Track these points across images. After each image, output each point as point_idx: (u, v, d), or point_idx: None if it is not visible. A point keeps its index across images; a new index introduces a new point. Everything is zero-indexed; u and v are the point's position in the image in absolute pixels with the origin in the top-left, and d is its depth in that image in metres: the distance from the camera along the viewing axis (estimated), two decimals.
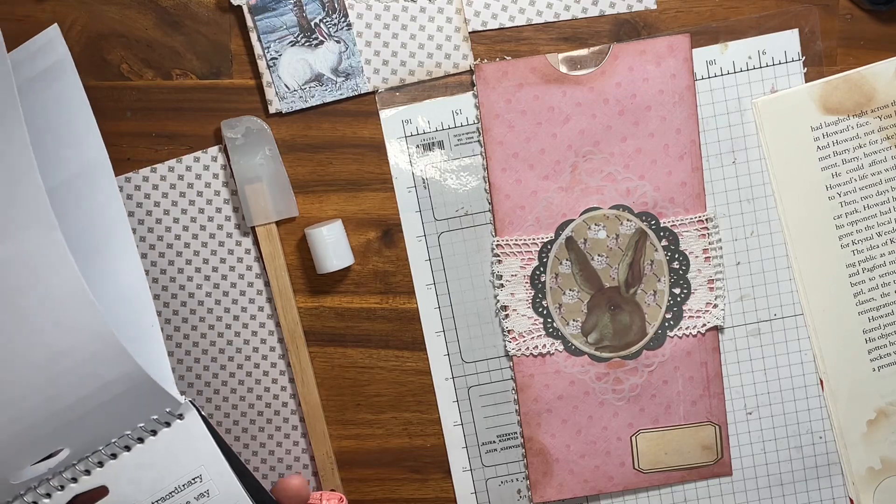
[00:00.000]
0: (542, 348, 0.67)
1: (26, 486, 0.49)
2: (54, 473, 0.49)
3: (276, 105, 0.66)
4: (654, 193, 0.66)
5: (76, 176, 0.55)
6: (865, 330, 0.68)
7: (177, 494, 0.50)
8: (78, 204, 0.54)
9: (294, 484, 0.54)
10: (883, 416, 0.68)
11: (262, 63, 0.65)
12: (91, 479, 0.49)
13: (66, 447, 0.48)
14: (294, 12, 0.65)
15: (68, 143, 0.55)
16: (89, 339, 0.46)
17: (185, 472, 0.50)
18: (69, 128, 0.55)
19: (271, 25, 0.65)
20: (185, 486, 0.50)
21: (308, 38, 0.65)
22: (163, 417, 0.50)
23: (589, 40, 0.66)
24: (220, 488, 0.50)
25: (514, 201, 0.66)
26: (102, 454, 0.49)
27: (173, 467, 0.50)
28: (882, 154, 0.66)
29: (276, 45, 0.65)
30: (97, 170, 0.55)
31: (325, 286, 0.68)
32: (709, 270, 0.67)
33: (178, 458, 0.50)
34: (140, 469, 0.49)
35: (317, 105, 0.66)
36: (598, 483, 0.69)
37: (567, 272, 0.67)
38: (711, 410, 0.68)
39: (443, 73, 0.66)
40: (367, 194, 0.67)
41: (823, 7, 0.66)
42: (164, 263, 0.67)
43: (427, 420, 0.69)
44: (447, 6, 0.65)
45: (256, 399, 0.68)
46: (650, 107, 0.66)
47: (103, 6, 0.66)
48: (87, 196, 0.55)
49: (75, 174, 0.55)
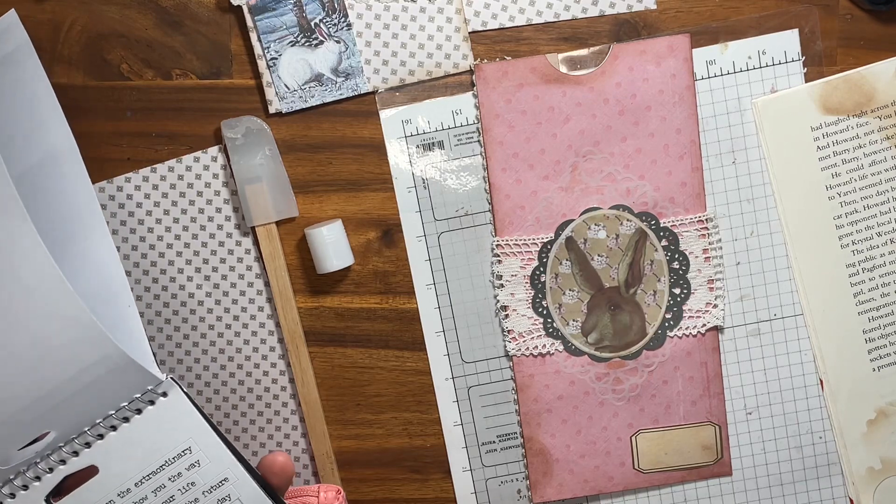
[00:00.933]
0: (542, 348, 0.67)
1: (15, 470, 0.49)
2: (42, 457, 0.49)
3: (276, 105, 0.66)
4: (654, 193, 0.66)
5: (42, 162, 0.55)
6: (865, 330, 0.68)
7: (167, 467, 0.50)
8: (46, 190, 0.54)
9: (279, 460, 0.54)
10: (883, 416, 0.68)
11: (261, 63, 0.65)
12: (79, 460, 0.50)
13: (51, 430, 0.49)
14: (294, 12, 0.65)
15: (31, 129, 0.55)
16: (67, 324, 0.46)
17: (174, 446, 0.50)
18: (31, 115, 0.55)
19: (271, 25, 0.65)
20: (176, 459, 0.50)
21: (308, 38, 0.65)
22: (146, 396, 0.50)
23: (589, 40, 0.66)
24: (211, 458, 0.51)
25: (514, 201, 0.66)
26: (88, 435, 0.50)
27: (162, 442, 0.50)
28: (882, 154, 0.66)
29: (276, 45, 0.65)
30: (63, 155, 0.55)
31: (325, 286, 0.68)
32: (709, 270, 0.67)
33: (165, 434, 0.50)
34: (128, 447, 0.50)
35: (317, 105, 0.66)
36: (598, 483, 0.69)
37: (567, 272, 0.67)
38: (711, 410, 0.68)
39: (443, 73, 0.66)
40: (367, 194, 0.67)
41: (823, 7, 0.66)
42: (164, 263, 0.67)
43: (427, 420, 0.69)
44: (447, 6, 0.65)
45: (256, 399, 0.68)
46: (650, 107, 0.66)
47: (103, 6, 0.66)
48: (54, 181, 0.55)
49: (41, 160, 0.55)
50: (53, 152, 0.55)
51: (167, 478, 0.51)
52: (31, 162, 0.55)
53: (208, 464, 0.51)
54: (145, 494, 0.51)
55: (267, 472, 0.54)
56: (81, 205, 0.55)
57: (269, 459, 0.54)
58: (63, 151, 0.55)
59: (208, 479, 0.51)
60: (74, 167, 0.55)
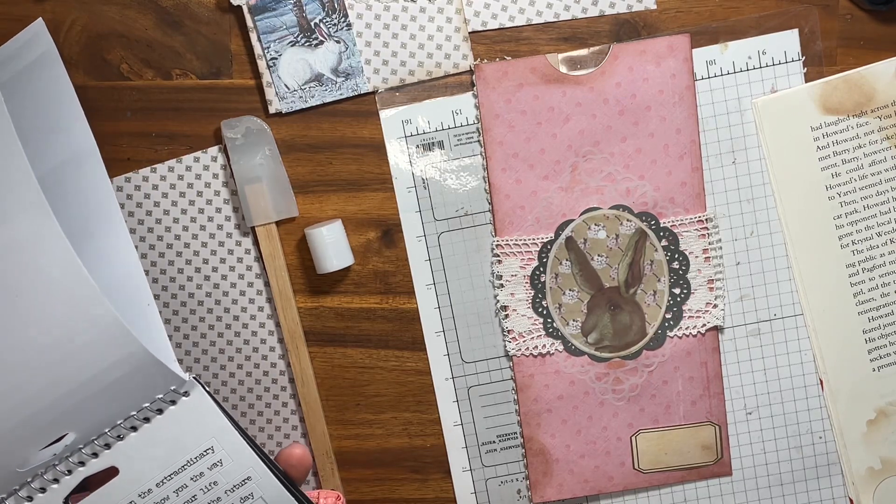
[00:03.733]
0: (542, 348, 0.67)
1: (33, 472, 0.49)
2: (61, 459, 0.49)
3: (276, 105, 0.66)
4: (653, 193, 0.66)
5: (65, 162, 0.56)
6: (865, 330, 0.68)
7: (189, 467, 0.50)
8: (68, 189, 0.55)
9: (296, 453, 0.54)
10: (883, 416, 0.68)
11: (261, 63, 0.65)
12: (99, 462, 0.49)
13: (71, 431, 0.49)
14: (294, 12, 0.65)
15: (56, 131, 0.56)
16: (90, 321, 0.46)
17: (197, 446, 0.50)
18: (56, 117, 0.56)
19: (271, 25, 0.65)
20: (198, 459, 0.50)
21: (308, 38, 0.65)
22: (168, 396, 0.50)
23: (589, 40, 0.66)
24: (233, 457, 0.50)
25: (514, 201, 0.66)
26: (109, 436, 0.49)
27: (183, 442, 0.50)
28: (882, 154, 0.66)
29: (276, 45, 0.65)
30: (85, 156, 0.56)
31: (325, 286, 0.68)
32: (709, 270, 0.67)
33: (187, 434, 0.50)
34: (149, 447, 0.50)
35: (316, 105, 0.66)
36: (598, 483, 0.69)
37: (567, 272, 0.67)
38: (711, 410, 0.68)
39: (443, 73, 0.66)
40: (367, 194, 0.67)
41: (823, 7, 0.66)
42: (164, 263, 0.67)
43: (427, 420, 0.69)
44: (447, 6, 0.65)
45: (256, 399, 0.68)
46: (650, 107, 0.66)
47: (103, 6, 0.66)
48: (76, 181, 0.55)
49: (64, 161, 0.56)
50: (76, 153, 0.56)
51: (189, 477, 0.50)
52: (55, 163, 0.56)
53: (231, 463, 0.51)
54: (167, 494, 0.50)
55: (285, 465, 0.54)
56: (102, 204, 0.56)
57: (287, 452, 0.54)
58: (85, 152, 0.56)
59: (231, 478, 0.51)
60: (95, 168, 0.56)
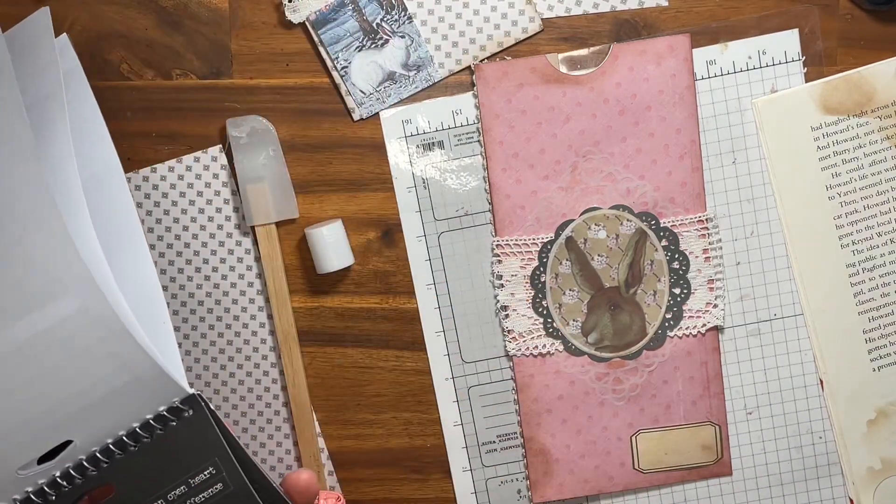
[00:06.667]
0: (542, 348, 0.67)
1: (33, 482, 0.49)
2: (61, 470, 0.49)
3: (358, 113, 0.66)
4: (654, 193, 0.66)
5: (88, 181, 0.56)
6: (865, 330, 0.68)
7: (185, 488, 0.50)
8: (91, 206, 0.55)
9: (303, 478, 0.53)
10: (883, 416, 0.68)
11: (336, 75, 0.65)
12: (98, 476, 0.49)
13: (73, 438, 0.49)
14: (354, 17, 0.64)
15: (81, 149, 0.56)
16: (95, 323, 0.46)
17: (193, 466, 0.50)
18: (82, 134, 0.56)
19: (335, 36, 0.64)
20: (193, 479, 0.50)
21: (373, 39, 0.65)
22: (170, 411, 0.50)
23: (589, 40, 0.66)
24: (230, 482, 0.50)
25: (514, 201, 0.66)
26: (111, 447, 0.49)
27: (181, 461, 0.50)
28: (882, 154, 0.66)
29: (345, 54, 0.65)
30: (110, 173, 0.56)
31: (325, 286, 0.68)
32: (709, 270, 0.67)
33: (185, 453, 0.50)
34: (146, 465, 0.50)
35: (395, 102, 0.66)
36: (598, 483, 0.69)
37: (567, 272, 0.67)
38: (711, 410, 0.68)
39: (513, 41, 0.65)
40: (367, 194, 0.67)
41: (823, 7, 0.66)
42: (163, 263, 0.67)
43: (427, 420, 0.69)
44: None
45: (256, 399, 0.68)
46: (650, 107, 0.66)
47: (103, 6, 0.66)
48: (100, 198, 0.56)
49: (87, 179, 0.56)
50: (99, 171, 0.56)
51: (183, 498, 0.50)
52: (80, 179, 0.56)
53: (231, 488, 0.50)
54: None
55: (291, 491, 0.53)
56: (123, 222, 0.56)
57: (294, 478, 0.53)
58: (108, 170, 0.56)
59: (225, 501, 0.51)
60: (118, 185, 0.56)
